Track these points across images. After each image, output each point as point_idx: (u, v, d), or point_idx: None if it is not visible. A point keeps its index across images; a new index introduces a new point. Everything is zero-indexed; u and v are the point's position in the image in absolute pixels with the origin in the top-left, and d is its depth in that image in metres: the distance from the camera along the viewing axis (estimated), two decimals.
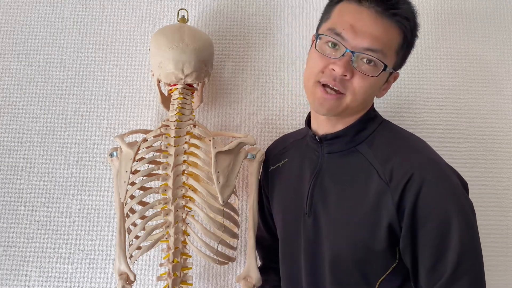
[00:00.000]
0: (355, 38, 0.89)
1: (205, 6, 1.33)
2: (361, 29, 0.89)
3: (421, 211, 0.87)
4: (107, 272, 1.29)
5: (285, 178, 1.09)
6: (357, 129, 0.97)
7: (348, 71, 0.89)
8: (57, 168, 1.30)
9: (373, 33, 0.89)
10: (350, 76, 0.90)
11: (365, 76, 0.90)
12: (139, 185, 1.07)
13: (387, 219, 0.89)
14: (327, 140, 0.99)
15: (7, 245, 1.28)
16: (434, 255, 0.88)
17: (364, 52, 0.89)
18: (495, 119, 1.32)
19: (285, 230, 1.08)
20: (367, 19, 0.89)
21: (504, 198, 1.32)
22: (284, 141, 1.16)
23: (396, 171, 0.90)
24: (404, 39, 0.93)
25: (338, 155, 0.98)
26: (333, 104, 0.92)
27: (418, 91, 1.33)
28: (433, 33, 1.34)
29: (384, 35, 0.90)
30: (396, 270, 0.93)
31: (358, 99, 0.92)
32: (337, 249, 0.95)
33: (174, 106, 1.13)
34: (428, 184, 0.87)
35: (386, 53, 0.90)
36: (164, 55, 1.10)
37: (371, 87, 0.92)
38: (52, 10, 1.32)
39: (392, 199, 0.89)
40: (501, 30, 1.34)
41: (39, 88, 1.31)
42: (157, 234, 1.08)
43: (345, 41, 0.90)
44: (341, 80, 0.90)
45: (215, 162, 1.06)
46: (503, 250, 1.31)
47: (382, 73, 0.91)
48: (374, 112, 1.01)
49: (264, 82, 1.32)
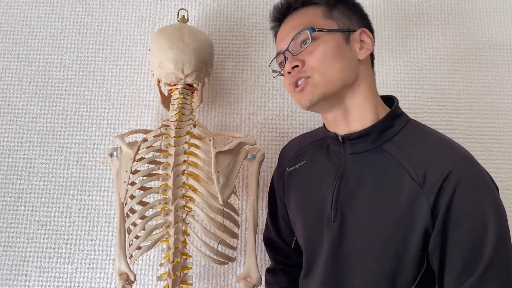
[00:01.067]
0: (282, 42, 0.98)
1: (205, 6, 1.33)
2: (282, 35, 0.99)
3: (456, 211, 0.84)
4: (107, 272, 1.29)
5: (304, 181, 1.05)
6: (384, 127, 0.94)
7: (295, 61, 0.93)
8: (57, 168, 1.30)
9: (290, 28, 0.96)
10: (301, 63, 0.93)
11: (309, 51, 0.93)
12: (139, 185, 1.07)
13: (422, 223, 0.85)
14: (350, 140, 0.95)
15: (7, 245, 1.28)
16: (465, 258, 0.83)
17: (289, 41, 0.95)
18: (495, 119, 1.32)
19: (307, 236, 1.03)
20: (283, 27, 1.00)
21: (505, 198, 1.32)
22: (301, 142, 1.13)
23: (430, 171, 0.86)
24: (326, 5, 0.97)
25: (362, 156, 0.94)
26: (307, 91, 0.93)
27: (418, 91, 1.33)
28: (433, 33, 1.34)
29: (299, 20, 0.96)
30: (424, 277, 0.89)
31: (325, 70, 0.92)
32: (366, 256, 0.91)
33: (174, 106, 1.13)
34: (465, 183, 0.84)
35: (314, 25, 0.93)
36: (164, 55, 1.10)
37: (324, 54, 0.92)
38: (52, 10, 1.32)
39: (427, 201, 0.85)
40: (502, 30, 1.34)
41: (39, 88, 1.31)
42: (157, 234, 1.08)
43: (280, 51, 0.98)
44: (298, 71, 0.94)
45: (215, 162, 1.06)
46: None
47: (325, 36, 0.93)
48: (400, 109, 0.98)
49: (264, 82, 1.32)
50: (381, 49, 1.30)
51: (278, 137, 1.31)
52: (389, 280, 0.89)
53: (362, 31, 0.96)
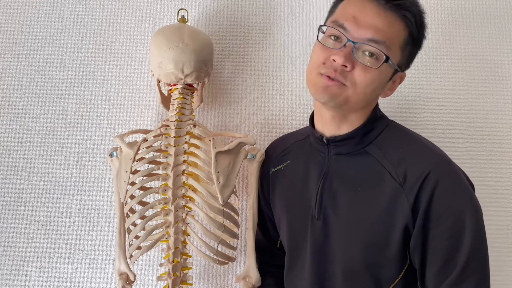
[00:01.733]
0: (358, 30, 0.88)
1: (205, 6, 1.33)
2: (364, 21, 0.88)
3: (435, 210, 0.86)
4: (107, 272, 1.29)
5: (288, 181, 1.07)
6: (366, 130, 0.95)
7: (348, 62, 0.87)
8: (57, 168, 1.30)
9: (376, 25, 0.88)
10: (350, 67, 0.88)
11: (367, 68, 0.88)
12: (139, 185, 1.07)
13: (403, 220, 0.88)
14: (335, 142, 0.96)
15: (7, 245, 1.28)
16: (445, 254, 0.87)
17: (366, 42, 0.87)
18: (496, 120, 1.32)
19: (291, 235, 1.05)
20: (370, 11, 0.89)
21: (505, 198, 1.32)
22: (284, 142, 1.14)
23: (410, 171, 0.88)
24: (409, 34, 0.91)
25: (346, 156, 0.96)
26: (335, 91, 0.88)
27: (419, 91, 1.33)
28: (433, 33, 1.33)
29: (387, 28, 0.88)
30: (407, 273, 0.92)
31: (359, 92, 0.89)
32: (349, 253, 0.93)
33: (174, 106, 1.13)
34: (443, 183, 0.87)
35: (390, 47, 0.88)
36: (164, 55, 1.10)
37: (372, 81, 0.89)
38: (52, 10, 1.32)
39: (407, 200, 0.87)
40: (502, 30, 1.34)
41: (39, 88, 1.31)
42: (157, 234, 1.08)
43: (347, 32, 0.88)
44: (342, 71, 0.88)
45: (215, 162, 1.06)
46: (504, 250, 1.31)
47: (386, 67, 0.89)
48: (380, 112, 0.99)
49: (264, 82, 1.32)
50: None
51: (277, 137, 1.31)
52: (373, 277, 0.92)
53: (403, 75, 0.96)
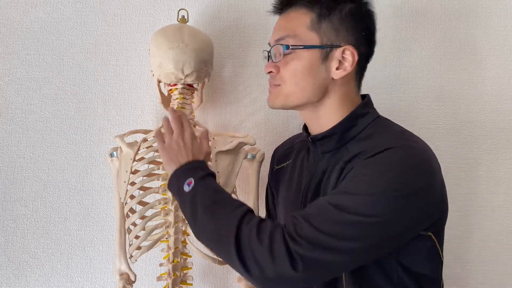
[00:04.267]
0: (271, 40, 0.99)
1: (205, 6, 1.33)
2: (274, 31, 0.99)
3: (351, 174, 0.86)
4: (107, 272, 1.29)
5: (287, 178, 1.09)
6: (346, 127, 0.95)
7: (271, 67, 0.96)
8: (57, 168, 1.30)
9: (278, 28, 0.98)
10: (276, 71, 0.96)
11: (286, 62, 0.94)
12: (139, 185, 1.07)
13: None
14: (318, 140, 0.98)
15: (7, 245, 1.28)
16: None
17: (274, 43, 0.96)
18: (495, 119, 1.32)
19: None
20: (277, 21, 1.00)
21: (505, 198, 1.32)
22: (292, 141, 1.16)
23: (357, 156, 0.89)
24: (318, 14, 0.94)
25: (330, 154, 0.97)
26: (272, 96, 0.98)
27: (418, 91, 1.33)
28: (433, 33, 1.34)
29: (286, 23, 0.97)
30: None
31: (290, 84, 0.95)
32: None
33: (174, 106, 1.13)
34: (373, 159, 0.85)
35: (296, 35, 0.94)
36: (164, 55, 1.10)
37: (295, 70, 0.94)
38: (52, 10, 1.32)
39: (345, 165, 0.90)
40: (502, 30, 1.34)
41: (39, 88, 1.31)
42: (157, 234, 1.08)
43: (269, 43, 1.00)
44: (272, 76, 0.97)
45: (215, 162, 1.06)
46: (504, 250, 1.32)
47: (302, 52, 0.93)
48: (365, 109, 0.98)
49: (264, 82, 1.32)
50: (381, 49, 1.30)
51: (278, 137, 1.31)
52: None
53: (345, 48, 0.93)
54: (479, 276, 1.32)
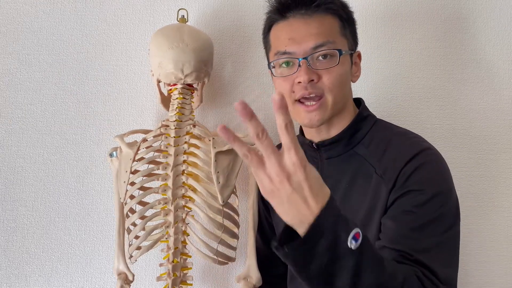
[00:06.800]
0: (300, 46, 0.93)
1: (205, 6, 1.33)
2: (299, 36, 0.94)
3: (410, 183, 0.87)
4: (107, 272, 1.29)
5: None
6: (352, 131, 0.97)
7: (312, 75, 0.92)
8: (57, 168, 1.30)
9: (311, 32, 0.93)
10: (317, 78, 0.92)
11: (329, 69, 0.92)
12: (139, 185, 1.07)
13: (382, 204, 0.89)
14: (324, 146, 0.98)
15: (7, 245, 1.28)
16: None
17: (314, 51, 0.92)
18: (495, 120, 1.32)
19: None
20: (298, 26, 0.94)
21: (505, 198, 1.32)
22: None
23: (391, 165, 0.90)
24: (340, 19, 0.95)
25: (337, 160, 0.97)
26: (320, 112, 0.93)
27: (418, 91, 1.32)
28: (433, 32, 1.33)
29: (321, 28, 0.93)
30: None
31: (337, 93, 0.93)
32: None
33: (174, 106, 1.13)
34: (426, 166, 0.88)
35: (334, 41, 0.93)
36: (164, 55, 1.10)
37: (341, 76, 0.93)
38: (52, 10, 1.32)
39: (386, 188, 0.88)
40: (502, 30, 1.33)
41: (39, 88, 1.31)
42: (157, 234, 1.08)
43: (293, 54, 0.94)
44: (312, 85, 0.92)
45: (215, 162, 1.06)
46: (504, 250, 1.31)
47: (343, 58, 0.93)
48: (366, 111, 1.01)
49: (264, 82, 1.32)
50: (381, 49, 1.30)
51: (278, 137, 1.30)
52: None
53: (358, 53, 0.98)
54: (479, 276, 1.32)
